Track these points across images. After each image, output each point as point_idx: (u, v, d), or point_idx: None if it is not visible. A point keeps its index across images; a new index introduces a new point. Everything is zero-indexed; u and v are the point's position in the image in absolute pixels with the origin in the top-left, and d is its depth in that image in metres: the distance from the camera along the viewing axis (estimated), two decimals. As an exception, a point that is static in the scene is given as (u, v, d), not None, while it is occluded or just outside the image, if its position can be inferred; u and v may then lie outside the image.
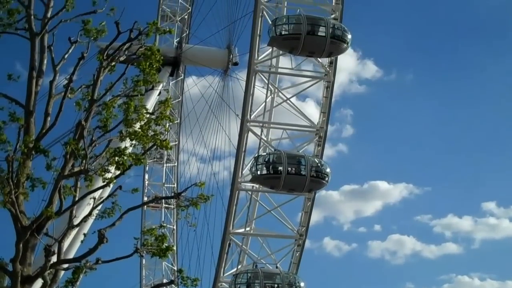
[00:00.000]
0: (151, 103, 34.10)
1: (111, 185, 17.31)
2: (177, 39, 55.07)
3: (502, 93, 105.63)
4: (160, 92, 35.74)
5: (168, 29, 19.03)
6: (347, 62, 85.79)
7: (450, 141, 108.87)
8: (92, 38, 17.37)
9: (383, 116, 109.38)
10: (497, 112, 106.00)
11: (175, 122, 57.03)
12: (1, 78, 18.31)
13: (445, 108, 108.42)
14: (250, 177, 40.63)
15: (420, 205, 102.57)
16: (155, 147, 17.67)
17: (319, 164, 40.58)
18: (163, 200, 61.58)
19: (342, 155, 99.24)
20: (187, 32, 60.09)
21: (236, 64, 48.70)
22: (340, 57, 41.44)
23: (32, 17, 17.91)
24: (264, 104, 42.12)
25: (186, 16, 62.70)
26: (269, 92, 42.47)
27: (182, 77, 58.90)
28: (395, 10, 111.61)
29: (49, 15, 18.02)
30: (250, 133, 41.12)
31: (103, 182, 17.13)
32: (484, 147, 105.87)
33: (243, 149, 41.06)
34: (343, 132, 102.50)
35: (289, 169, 39.72)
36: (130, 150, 17.60)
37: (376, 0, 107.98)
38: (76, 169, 17.13)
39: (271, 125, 43.62)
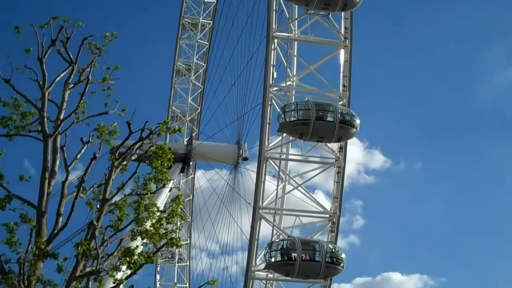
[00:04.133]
0: (162, 200, 34.27)
1: (122, 286, 17.05)
2: (187, 139, 55.99)
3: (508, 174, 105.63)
4: (170, 189, 35.96)
5: (178, 128, 19.31)
6: (354, 153, 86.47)
7: (463, 228, 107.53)
8: (104, 139, 17.60)
9: (393, 206, 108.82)
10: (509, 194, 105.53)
11: (187, 220, 57.11)
12: (12, 177, 18.47)
13: (454, 195, 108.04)
14: (263, 265, 39.96)
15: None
16: (166, 245, 17.53)
17: (333, 250, 39.92)
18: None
19: (354, 246, 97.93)
20: (197, 131, 61.28)
21: (246, 159, 49.36)
22: (347, 148, 41.70)
23: (46, 119, 18.25)
24: (275, 191, 42.05)
25: (195, 116, 64.22)
26: (280, 179, 42.49)
27: (193, 175, 59.55)
28: (398, 99, 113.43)
29: (62, 117, 18.39)
30: (262, 223, 40.80)
31: (114, 283, 16.89)
32: (496, 230, 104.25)
33: (256, 237, 40.60)
34: (354, 223, 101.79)
35: (304, 255, 39.08)
36: (141, 248, 17.48)
37: (379, 90, 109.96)
38: (87, 270, 16.95)
39: (284, 212, 43.33)
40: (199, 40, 66.54)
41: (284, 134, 41.63)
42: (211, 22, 66.28)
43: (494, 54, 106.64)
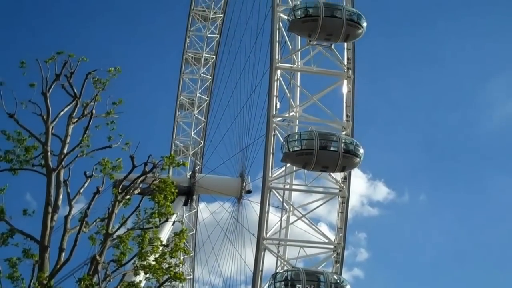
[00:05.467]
0: (165, 234, 34.18)
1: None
2: (190, 173, 56.09)
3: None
4: (174, 223, 36.03)
5: (182, 162, 19.33)
6: (358, 185, 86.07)
7: (467, 261, 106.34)
8: (107, 173, 17.60)
9: (397, 238, 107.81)
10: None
11: (190, 254, 56.83)
12: (14, 210, 18.44)
13: (459, 227, 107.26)
14: (268, 297, 39.54)
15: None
16: (169, 280, 17.40)
17: (338, 281, 39.51)
18: None
19: (359, 280, 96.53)
20: (200, 165, 61.36)
21: (249, 192, 49.30)
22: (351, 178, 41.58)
23: (49, 153, 18.28)
24: (279, 221, 41.86)
25: (198, 150, 64.38)
26: (284, 210, 42.33)
27: (196, 209, 59.51)
28: (401, 130, 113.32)
29: (65, 151, 18.42)
30: (266, 255, 40.43)
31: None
32: (501, 264, 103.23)
33: (260, 268, 40.25)
34: (358, 256, 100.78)
35: (308, 286, 38.71)
36: (144, 283, 17.35)
37: (381, 121, 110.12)
38: (90, 305, 16.80)
39: (288, 243, 43.06)
40: (202, 75, 67.10)
41: (288, 164, 41.57)
42: (214, 56, 66.94)
43: (496, 86, 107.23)
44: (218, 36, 66.21)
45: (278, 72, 41.19)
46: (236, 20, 55.10)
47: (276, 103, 41.48)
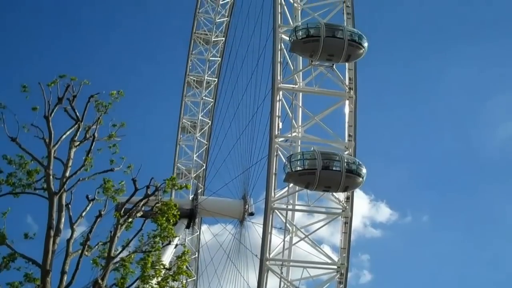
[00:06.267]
0: (167, 257, 34.03)
1: None
2: (192, 196, 56.08)
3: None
4: (176, 245, 35.80)
5: (184, 185, 19.29)
6: (360, 206, 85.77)
7: (471, 283, 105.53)
8: (109, 196, 17.57)
9: (401, 260, 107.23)
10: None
11: (193, 278, 56.58)
12: (15, 233, 18.38)
13: (462, 248, 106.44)
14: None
15: None
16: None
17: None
18: None
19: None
20: (202, 188, 61.37)
21: (252, 214, 49.30)
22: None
23: (51, 177, 18.26)
24: (282, 242, 41.67)
25: (201, 173, 64.41)
26: (286, 230, 42.14)
27: (198, 232, 59.35)
28: (403, 151, 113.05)
29: (67, 174, 18.40)
30: (269, 277, 40.17)
31: None
32: (506, 285, 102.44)
33: (263, 290, 40.01)
34: (362, 278, 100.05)
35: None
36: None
37: (383, 142, 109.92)
38: (92, 330, 16.69)
39: (291, 264, 42.83)
40: (204, 97, 67.40)
41: (291, 185, 41.48)
42: (215, 79, 67.29)
43: (497, 106, 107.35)
44: (220, 59, 66.64)
45: (280, 92, 41.29)
46: (238, 43, 55.57)
47: (278, 124, 41.54)
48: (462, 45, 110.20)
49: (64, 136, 19.12)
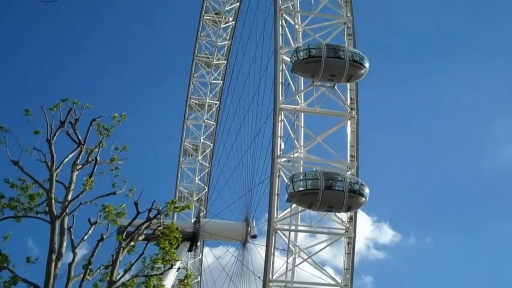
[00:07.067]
0: (169, 281, 33.79)
1: None
2: (194, 219, 55.91)
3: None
4: (178, 269, 35.70)
5: (186, 205, 19.25)
6: (363, 228, 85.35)
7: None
8: (111, 220, 17.52)
9: (404, 282, 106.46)
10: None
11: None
12: (15, 256, 18.29)
13: (466, 270, 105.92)
14: None
15: None
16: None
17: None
18: None
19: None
20: (204, 211, 61.26)
21: (254, 236, 49.03)
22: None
23: (53, 200, 18.22)
24: (285, 263, 41.41)
25: (203, 196, 64.37)
26: (289, 251, 41.92)
27: (200, 256, 59.11)
28: (406, 171, 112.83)
29: (69, 198, 18.36)
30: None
31: None
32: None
33: (268, 312, 39.65)
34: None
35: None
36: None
37: (386, 162, 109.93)
38: None
39: (294, 285, 42.49)
40: (206, 120, 67.66)
41: (293, 205, 41.33)
42: (217, 102, 67.49)
43: (499, 127, 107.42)
44: (221, 82, 66.93)
45: (282, 113, 41.35)
46: (239, 65, 55.81)
47: (280, 144, 41.53)
48: (464, 66, 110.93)
49: (66, 160, 19.12)
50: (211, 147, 67.50)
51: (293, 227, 43.51)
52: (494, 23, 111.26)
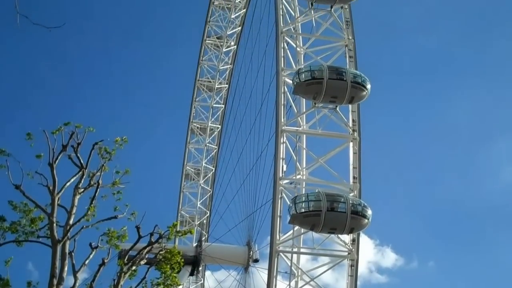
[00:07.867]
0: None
1: None
2: (196, 243, 55.68)
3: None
4: (180, 293, 35.49)
5: (189, 229, 19.15)
6: (366, 251, 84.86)
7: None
8: (113, 244, 17.43)
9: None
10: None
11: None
12: (15, 280, 18.20)
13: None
14: None
15: None
16: None
17: None
18: None
19: None
20: (206, 236, 61.07)
21: (256, 261, 48.78)
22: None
23: (55, 224, 18.15)
24: (288, 286, 41.05)
25: (204, 220, 64.24)
26: (292, 274, 41.59)
27: (202, 281, 58.78)
28: (407, 194, 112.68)
29: (71, 222, 18.29)
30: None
31: None
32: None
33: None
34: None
35: None
36: None
37: (387, 184, 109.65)
38: None
39: (298, 308, 42.14)
40: (207, 144, 67.71)
41: (296, 227, 41.12)
42: (219, 126, 67.59)
43: (500, 148, 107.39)
44: (223, 105, 67.08)
45: (284, 135, 41.34)
46: (241, 88, 55.99)
47: (282, 166, 41.45)
48: (464, 87, 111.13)
49: (68, 184, 19.08)
50: (213, 171, 67.46)
51: (295, 250, 43.26)
52: (494, 46, 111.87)
